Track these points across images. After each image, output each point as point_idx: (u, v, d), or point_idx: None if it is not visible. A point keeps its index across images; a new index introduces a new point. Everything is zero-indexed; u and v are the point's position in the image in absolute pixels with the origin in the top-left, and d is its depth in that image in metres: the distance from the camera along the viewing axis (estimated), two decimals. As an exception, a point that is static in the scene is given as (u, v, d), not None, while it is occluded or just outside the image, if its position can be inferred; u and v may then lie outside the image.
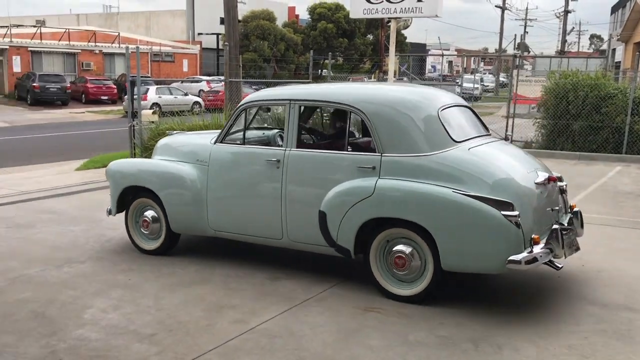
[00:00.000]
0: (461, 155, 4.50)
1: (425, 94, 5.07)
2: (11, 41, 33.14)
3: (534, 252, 4.20)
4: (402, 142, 4.57)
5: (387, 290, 4.66)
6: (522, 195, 4.35)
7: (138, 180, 5.81)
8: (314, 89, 5.68)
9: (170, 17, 53.69)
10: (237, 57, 15.18)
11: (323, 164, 4.88)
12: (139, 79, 10.76)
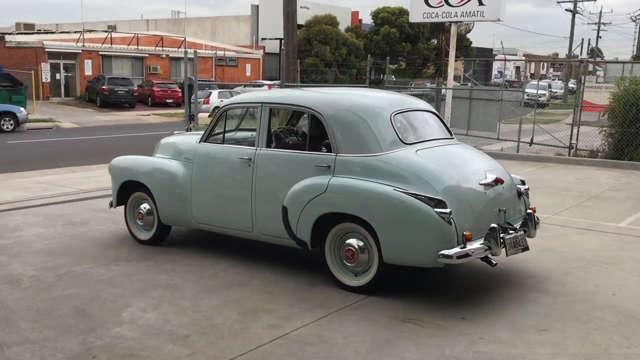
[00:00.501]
0: (407, 155, 4.79)
1: (381, 99, 5.43)
2: (84, 46, 34.65)
3: (467, 248, 4.43)
4: (355, 143, 4.89)
5: (340, 281, 4.95)
6: (458, 194, 4.60)
7: (134, 176, 6.28)
8: (283, 93, 6.33)
9: (235, 23, 54.78)
10: (294, 62, 15.27)
11: (287, 162, 5.25)
12: (196, 83, 10.98)
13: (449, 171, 4.75)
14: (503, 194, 4.98)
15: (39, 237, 6.61)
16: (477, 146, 15.35)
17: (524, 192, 5.40)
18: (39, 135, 20.13)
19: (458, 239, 4.44)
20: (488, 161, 5.29)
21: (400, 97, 5.90)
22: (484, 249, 4.56)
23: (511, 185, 5.22)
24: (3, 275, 5.28)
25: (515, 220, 5.10)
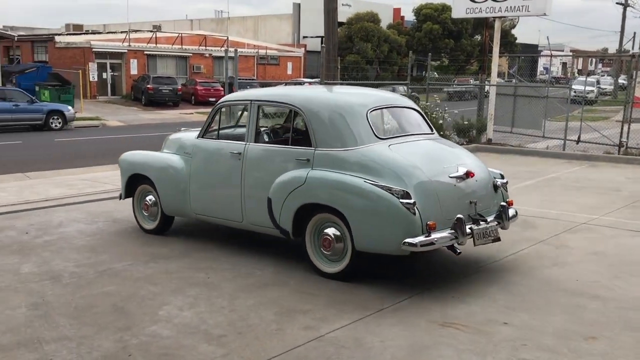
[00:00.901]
0: (379, 150, 5.03)
1: (359, 96, 5.75)
2: (129, 45, 35.38)
3: (432, 237, 4.65)
4: (332, 137, 5.17)
5: (318, 268, 5.21)
6: (425, 186, 4.81)
7: (139, 169, 6.67)
8: (270, 91, 6.63)
9: (277, 21, 55.05)
10: (335, 59, 15.18)
11: (272, 156, 5.54)
12: (236, 82, 11.02)
13: (418, 164, 4.96)
14: (474, 187, 5.16)
15: (81, 234, 6.72)
16: (522, 144, 14.98)
17: (500, 185, 5.58)
18: (86, 133, 20.63)
19: (423, 228, 4.65)
20: (463, 155, 5.49)
21: (381, 94, 6.23)
22: (449, 238, 4.77)
23: (485, 179, 5.38)
24: (45, 271, 5.37)
25: (490, 212, 5.30)
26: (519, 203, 8.37)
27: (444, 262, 5.72)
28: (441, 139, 5.90)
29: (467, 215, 4.98)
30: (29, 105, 21.05)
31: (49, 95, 25.26)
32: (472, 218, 5.02)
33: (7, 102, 20.61)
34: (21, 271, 5.38)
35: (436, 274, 5.37)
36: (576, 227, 7.14)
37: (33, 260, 5.69)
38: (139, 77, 33.68)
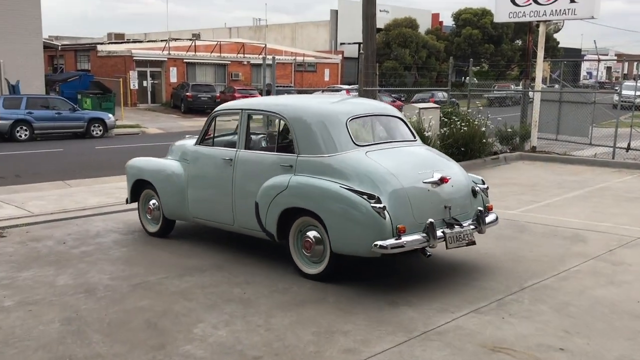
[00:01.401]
0: (355, 156, 5.23)
1: (340, 105, 5.92)
2: (169, 54, 35.86)
3: (402, 240, 4.79)
4: (312, 145, 5.38)
5: (301, 269, 5.40)
6: (397, 191, 4.96)
7: (143, 174, 6.97)
8: (259, 100, 6.92)
9: (314, 28, 55.13)
10: (373, 66, 14.94)
11: (259, 162, 5.78)
12: (274, 89, 10.90)
13: (392, 170, 5.11)
14: (449, 192, 5.29)
15: (117, 245, 6.65)
16: (567, 152, 14.44)
17: (480, 191, 5.69)
18: (126, 141, 20.86)
19: (393, 231, 4.79)
20: (440, 162, 5.66)
21: (363, 103, 6.49)
22: (420, 242, 4.91)
23: (462, 185, 5.50)
24: (80, 284, 5.29)
25: (467, 216, 5.42)
26: (566, 215, 8.06)
27: (487, 279, 5.43)
28: (423, 146, 6.07)
29: (442, 219, 5.15)
30: (71, 113, 21.43)
31: (90, 103, 25.71)
32: (447, 222, 5.17)
33: (50, 110, 21.03)
34: (56, 283, 5.31)
35: (480, 293, 5.08)
36: (633, 242, 6.73)
37: (69, 272, 5.63)
38: (179, 85, 34.08)
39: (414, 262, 5.89)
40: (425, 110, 11.73)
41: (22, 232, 7.25)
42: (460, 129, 12.23)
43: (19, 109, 20.31)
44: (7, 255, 6.20)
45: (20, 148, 17.99)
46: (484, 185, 5.85)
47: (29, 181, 12.00)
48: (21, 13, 24.52)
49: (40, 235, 7.08)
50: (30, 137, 20.26)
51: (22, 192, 10.71)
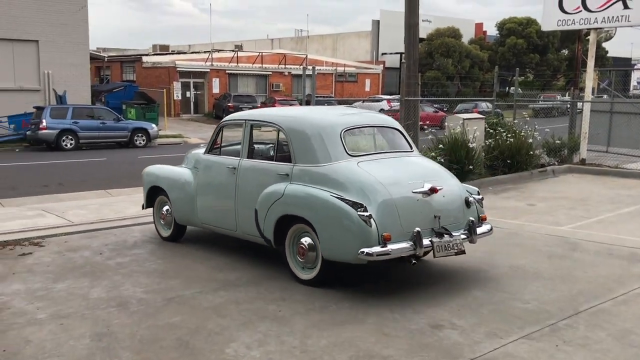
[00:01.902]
0: (347, 166, 5.38)
1: (336, 117, 5.97)
2: (212, 65, 36.28)
3: (388, 247, 4.89)
4: (307, 155, 5.56)
5: (296, 275, 5.54)
6: (385, 200, 5.06)
7: (157, 182, 7.26)
8: (261, 111, 7.30)
9: (355, 39, 55.06)
10: (415, 76, 14.65)
11: (259, 171, 5.97)
12: (313, 99, 10.74)
13: (381, 179, 5.21)
14: (439, 202, 5.33)
15: (153, 256, 6.56)
16: (619, 165, 13.80)
17: (473, 201, 5.69)
18: (168, 150, 21.05)
19: (379, 239, 4.89)
20: (433, 172, 5.72)
21: (360, 114, 6.44)
22: (406, 250, 4.99)
23: (454, 195, 5.54)
24: (114, 297, 5.18)
25: (459, 226, 5.45)
26: (621, 232, 7.59)
27: (538, 301, 5.08)
28: (419, 157, 6.14)
29: (431, 228, 5.21)
30: (115, 123, 21.80)
31: (134, 114, 26.15)
32: (436, 231, 5.21)
33: (95, 120, 21.44)
34: (90, 296, 5.22)
35: (531, 316, 4.74)
36: (696, 263, 6.26)
37: (103, 285, 5.54)
38: (221, 96, 34.40)
39: (458, 281, 5.59)
40: (470, 121, 11.37)
41: (61, 241, 7.24)
42: (506, 141, 11.82)
43: (65, 119, 20.76)
44: (44, 266, 6.17)
45: (65, 157, 18.36)
46: (479, 196, 5.89)
47: (71, 189, 12.16)
48: (70, 26, 25.15)
49: (77, 245, 7.05)
50: (76, 146, 20.68)
51: (65, 200, 10.83)
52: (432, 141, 11.33)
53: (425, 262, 6.18)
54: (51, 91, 24.48)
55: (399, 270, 5.92)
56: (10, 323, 4.57)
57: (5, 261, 6.35)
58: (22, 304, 4.99)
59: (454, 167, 10.57)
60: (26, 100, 23.63)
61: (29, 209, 9.57)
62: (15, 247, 6.96)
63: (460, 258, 6.27)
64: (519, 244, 7.02)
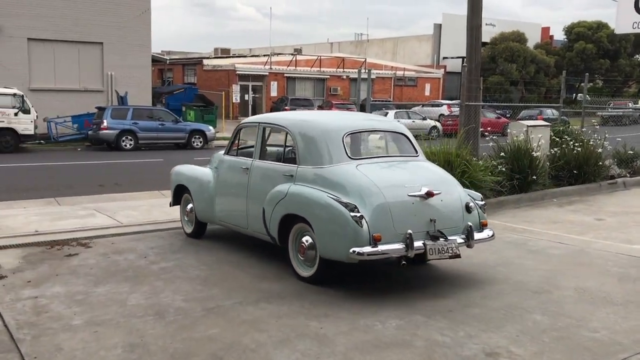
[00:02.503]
0: (346, 169, 5.55)
1: (339, 121, 6.23)
2: (270, 68, 36.47)
3: (379, 248, 5.02)
4: (310, 156, 5.78)
5: (297, 272, 5.71)
6: (378, 202, 5.18)
7: (182, 181, 7.60)
8: (272, 115, 7.52)
9: (416, 42, 54.30)
10: (477, 80, 14.08)
11: (268, 171, 6.21)
12: (368, 103, 10.41)
13: (377, 182, 5.34)
14: (436, 206, 5.40)
15: (197, 261, 6.38)
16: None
17: (474, 207, 5.73)
18: (224, 153, 21.13)
19: (370, 239, 5.02)
20: (433, 177, 5.78)
21: (365, 119, 6.83)
22: (397, 251, 5.11)
23: (452, 199, 5.58)
24: (152, 305, 5.01)
25: (456, 231, 5.49)
26: None
27: (608, 330, 4.57)
28: (421, 162, 6.18)
29: (426, 231, 5.27)
30: (174, 124, 22.11)
31: (193, 116, 26.50)
32: (431, 235, 5.26)
33: (154, 121, 21.80)
34: (128, 302, 5.07)
35: (601, 348, 4.26)
36: None
37: (143, 290, 5.39)
38: (278, 99, 34.52)
39: (517, 302, 5.13)
40: (534, 128, 10.75)
41: (108, 243, 7.19)
42: (572, 150, 11.12)
43: (125, 120, 21.20)
44: (87, 268, 6.09)
45: (124, 157, 18.71)
46: (482, 202, 5.95)
47: (126, 190, 12.26)
48: (133, 28, 25.76)
49: (123, 247, 6.98)
50: (135, 146, 21.08)
51: (118, 200, 10.90)
52: (493, 148, 10.77)
53: (480, 280, 5.75)
54: (113, 92, 25.14)
55: (451, 287, 5.51)
56: (46, 328, 4.46)
57: (51, 262, 6.32)
58: (60, 308, 4.89)
59: (516, 176, 10.00)
60: (90, 101, 24.35)
61: (83, 208, 9.64)
62: (63, 247, 6.95)
63: (521, 277, 5.82)
64: (586, 264, 6.46)
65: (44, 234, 7.68)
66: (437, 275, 5.99)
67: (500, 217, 8.94)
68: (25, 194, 11.58)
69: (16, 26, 23.49)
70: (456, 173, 9.02)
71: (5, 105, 19.27)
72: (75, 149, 21.35)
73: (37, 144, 21.02)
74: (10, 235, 7.60)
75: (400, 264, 5.24)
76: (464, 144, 10.18)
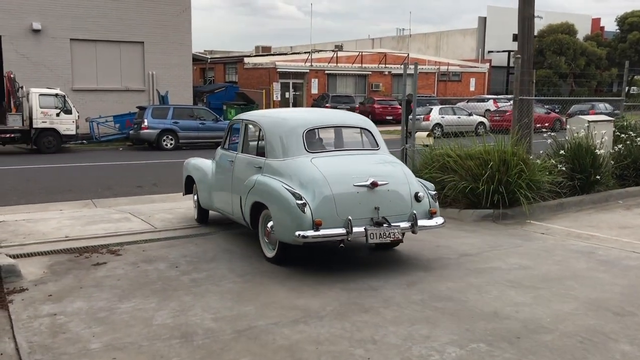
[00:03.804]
0: (301, 161, 6.06)
1: (301, 117, 6.75)
2: (311, 65, 35.97)
3: (321, 232, 5.57)
4: (274, 150, 6.33)
5: (264, 254, 6.30)
6: (323, 191, 5.70)
7: (190, 172, 8.36)
8: (253, 112, 7.80)
9: (460, 37, 52.96)
10: (530, 73, 13.23)
11: (246, 163, 6.80)
12: (415, 99, 9.76)
13: (325, 173, 5.84)
14: (381, 195, 5.82)
15: (232, 272, 5.89)
16: None
17: (422, 196, 6.08)
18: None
19: (313, 224, 5.54)
20: (383, 169, 6.12)
21: (328, 115, 7.52)
22: (339, 235, 5.58)
23: (399, 189, 5.98)
24: (179, 325, 4.52)
25: (403, 218, 5.89)
26: None
27: None
28: (378, 155, 6.49)
29: (370, 218, 5.71)
30: (214, 123, 21.82)
31: (234, 114, 26.19)
32: (375, 221, 5.68)
33: (194, 120, 21.58)
34: (154, 321, 4.59)
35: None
36: None
37: (171, 307, 4.91)
38: (319, 96, 33.99)
39: (592, 330, 4.43)
40: (596, 124, 9.89)
41: (139, 250, 6.79)
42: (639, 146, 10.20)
43: (166, 119, 21.04)
44: (114, 279, 5.67)
45: (164, 157, 18.50)
46: (434, 192, 6.34)
47: (164, 191, 11.95)
48: (173, 27, 25.65)
49: (155, 255, 6.55)
50: (176, 146, 20.89)
51: (157, 202, 10.59)
52: (552, 146, 9.95)
53: (546, 297, 5.06)
54: (155, 91, 25.07)
55: (514, 306, 4.85)
56: (60, 353, 4.02)
57: (77, 272, 5.93)
58: (79, 328, 4.45)
59: (577, 176, 9.19)
60: (132, 101, 24.36)
61: (118, 211, 9.31)
62: (92, 254, 6.58)
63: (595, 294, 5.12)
64: (669, 277, 5.68)
65: (74, 240, 7.35)
66: (495, 292, 5.32)
67: (561, 222, 8.17)
68: (64, 196, 11.40)
69: (59, 27, 23.65)
70: (512, 174, 8.30)
71: (47, 105, 19.34)
72: (117, 149, 21.32)
73: (80, 144, 21.08)
74: (40, 241, 7.29)
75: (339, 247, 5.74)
76: (519, 141, 9.43)
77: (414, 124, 9.79)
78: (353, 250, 6.65)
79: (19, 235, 7.52)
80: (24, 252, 6.71)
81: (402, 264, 6.19)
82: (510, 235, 7.51)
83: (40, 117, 19.15)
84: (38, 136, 19.23)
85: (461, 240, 7.20)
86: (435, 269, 5.99)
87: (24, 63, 22.97)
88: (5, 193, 11.62)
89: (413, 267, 6.07)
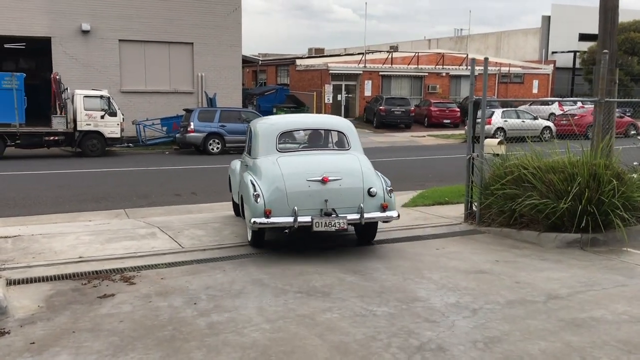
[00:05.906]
0: (268, 160, 6.90)
1: (278, 122, 7.58)
2: (365, 67, 34.66)
3: (271, 219, 6.37)
4: (254, 150, 7.25)
5: (247, 236, 7.18)
6: (277, 185, 6.52)
7: (229, 172, 9.06)
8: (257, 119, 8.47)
9: (522, 36, 50.55)
10: (613, 71, 11.61)
11: (244, 163, 7.75)
12: (484, 102, 8.41)
13: (283, 170, 6.63)
14: (331, 189, 6.51)
15: (259, 314, 4.75)
16: None
17: (375, 192, 6.63)
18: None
19: (264, 213, 6.37)
20: (342, 167, 6.78)
21: (305, 119, 8.96)
22: (287, 223, 6.36)
23: (352, 184, 6.61)
24: (180, 398, 3.41)
25: (353, 210, 6.51)
26: None
27: None
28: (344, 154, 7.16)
29: (320, 209, 6.41)
30: (262, 126, 20.86)
31: (283, 117, 25.26)
32: (325, 212, 6.38)
33: (242, 123, 20.68)
34: (149, 391, 3.49)
35: None
36: None
37: (176, 366, 3.81)
38: (372, 99, 32.63)
39: None
40: None
41: (157, 277, 5.78)
42: None
43: (213, 122, 20.24)
44: (117, 320, 4.62)
45: (209, 162, 17.66)
46: (389, 187, 6.78)
47: (203, 200, 11.09)
48: (223, 28, 24.91)
49: (173, 286, 5.51)
50: (222, 150, 20.07)
51: (193, 212, 9.73)
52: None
53: None
54: (203, 93, 24.39)
55: None
56: None
57: (77, 307, 4.94)
58: (51, 399, 3.40)
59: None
60: (180, 103, 23.77)
61: (147, 224, 8.40)
62: (102, 282, 5.61)
63: None
64: None
65: (87, 261, 6.43)
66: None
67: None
68: (97, 204, 10.68)
69: (108, 28, 23.26)
70: (606, 190, 6.86)
71: (92, 107, 18.84)
72: (163, 153, 20.68)
73: (126, 147, 20.55)
74: (49, 262, 6.39)
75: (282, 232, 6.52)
76: (605, 150, 7.97)
77: (482, 130, 8.41)
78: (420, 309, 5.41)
79: (29, 255, 6.66)
80: (27, 277, 5.82)
81: (477, 309, 4.89)
82: (606, 268, 6.09)
83: (85, 120, 18.65)
84: (82, 139, 18.74)
85: (545, 274, 5.85)
86: (519, 318, 4.67)
87: (72, 65, 22.68)
88: (34, 201, 10.93)
89: (491, 314, 4.77)
